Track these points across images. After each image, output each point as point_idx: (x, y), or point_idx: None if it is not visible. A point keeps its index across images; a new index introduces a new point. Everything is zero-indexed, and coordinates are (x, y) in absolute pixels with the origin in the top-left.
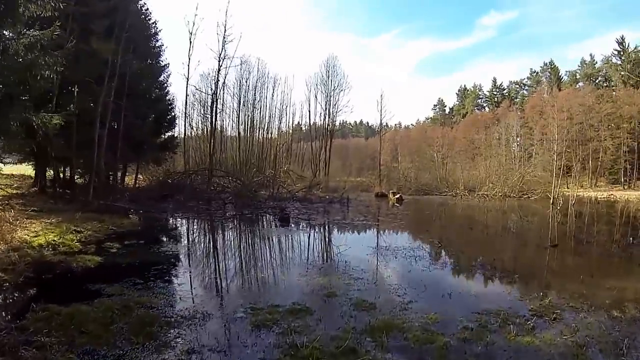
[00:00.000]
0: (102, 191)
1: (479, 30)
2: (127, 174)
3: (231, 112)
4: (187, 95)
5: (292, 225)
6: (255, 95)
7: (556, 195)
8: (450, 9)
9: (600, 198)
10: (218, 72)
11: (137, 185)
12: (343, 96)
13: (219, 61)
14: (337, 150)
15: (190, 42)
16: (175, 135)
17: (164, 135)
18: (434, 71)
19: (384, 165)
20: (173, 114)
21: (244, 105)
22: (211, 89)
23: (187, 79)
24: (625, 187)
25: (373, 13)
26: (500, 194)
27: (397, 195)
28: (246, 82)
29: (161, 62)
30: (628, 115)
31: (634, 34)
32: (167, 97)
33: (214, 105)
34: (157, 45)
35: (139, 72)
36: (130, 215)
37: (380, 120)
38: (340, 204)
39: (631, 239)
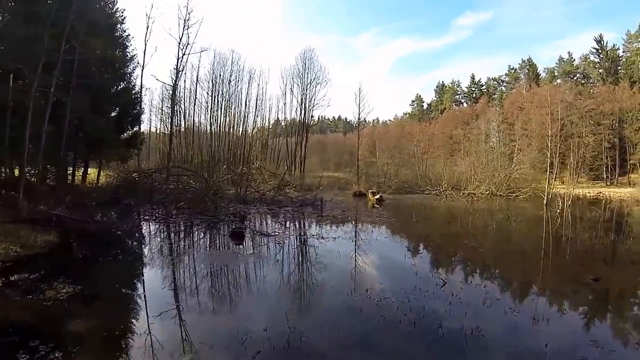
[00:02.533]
0: (40, 195)
1: (456, 30)
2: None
3: (205, 107)
4: (142, 85)
5: (244, 245)
6: (229, 89)
7: (550, 195)
8: (427, 10)
9: (590, 196)
10: (179, 60)
11: (98, 185)
12: (320, 89)
13: (180, 46)
14: (316, 145)
15: (148, 26)
16: (143, 131)
17: (129, 131)
18: (413, 69)
19: (362, 161)
20: (139, 108)
21: (218, 100)
22: (171, 78)
23: (143, 67)
24: (608, 183)
25: (353, 13)
26: (487, 193)
27: (377, 196)
28: (220, 75)
29: (128, 54)
30: (609, 112)
31: (607, 34)
32: (134, 91)
33: (174, 96)
34: (122, 35)
35: (96, 62)
36: (51, 229)
37: (359, 112)
38: (314, 206)
39: None
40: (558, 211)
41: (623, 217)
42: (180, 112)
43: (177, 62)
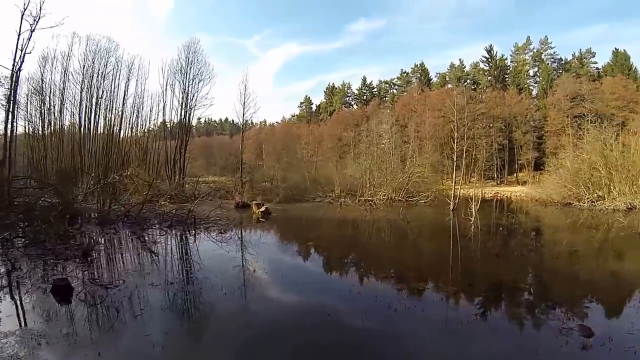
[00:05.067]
0: None
1: (348, 35)
2: None
3: (77, 105)
4: None
5: (68, 309)
6: (103, 84)
7: (456, 200)
8: (321, 15)
9: (488, 197)
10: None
11: None
12: (203, 86)
13: (24, 18)
14: (202, 148)
15: None
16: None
17: None
18: (302, 72)
19: (248, 165)
20: None
21: (92, 97)
22: (14, 61)
23: None
24: (498, 182)
25: (245, 13)
26: (385, 199)
27: (262, 208)
28: (97, 69)
29: None
30: (499, 116)
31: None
32: None
33: (13, 86)
34: None
35: None
36: None
37: (243, 112)
38: (185, 227)
39: None
40: (472, 219)
41: (539, 219)
42: (44, 110)
43: (19, 39)
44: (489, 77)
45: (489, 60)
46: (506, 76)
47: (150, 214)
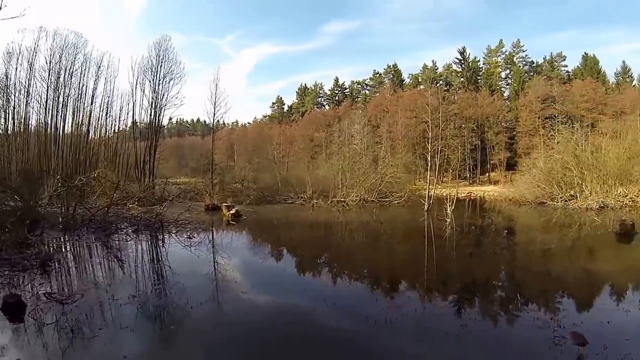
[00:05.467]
0: None
1: (322, 36)
2: None
3: (42, 104)
4: None
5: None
6: (71, 81)
7: (431, 201)
8: (294, 15)
9: (462, 196)
10: None
11: None
12: (173, 85)
13: None
14: (173, 149)
15: None
16: None
17: None
18: (275, 73)
19: (219, 165)
20: None
21: (58, 95)
22: None
23: None
24: (470, 182)
25: (219, 13)
26: (358, 199)
27: (233, 210)
28: (58, 64)
29: None
30: (471, 117)
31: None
32: None
33: None
34: None
35: None
36: None
37: (214, 111)
38: (153, 231)
39: None
40: (448, 220)
41: (514, 221)
42: (9, 109)
43: None
44: (462, 79)
45: (462, 62)
46: (479, 78)
47: (117, 217)
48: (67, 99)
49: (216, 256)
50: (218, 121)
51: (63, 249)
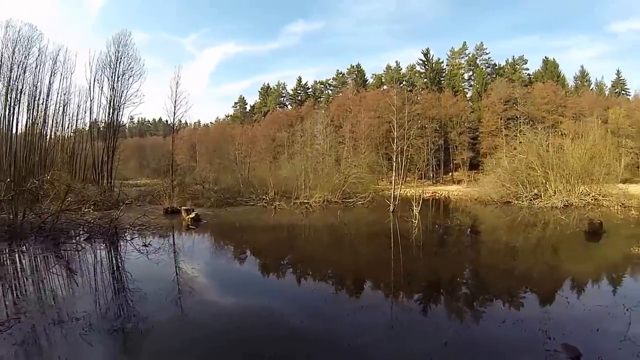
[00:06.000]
0: None
1: (285, 36)
2: None
3: None
4: None
5: None
6: (24, 76)
7: (397, 202)
8: (258, 16)
9: (426, 196)
10: None
11: None
12: (133, 82)
13: None
14: (134, 149)
15: None
16: None
17: None
18: (238, 72)
19: (180, 166)
20: None
21: (9, 90)
22: None
23: None
24: (434, 181)
25: (183, 11)
26: (321, 201)
27: (192, 214)
28: (10, 57)
29: None
30: (434, 117)
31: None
32: None
33: None
34: None
35: None
36: None
37: (174, 110)
38: (107, 238)
39: None
40: (415, 221)
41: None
42: None
43: None
44: (425, 80)
45: (425, 63)
46: (442, 79)
47: (69, 224)
48: (21, 95)
49: (177, 262)
50: (179, 120)
51: (4, 262)
